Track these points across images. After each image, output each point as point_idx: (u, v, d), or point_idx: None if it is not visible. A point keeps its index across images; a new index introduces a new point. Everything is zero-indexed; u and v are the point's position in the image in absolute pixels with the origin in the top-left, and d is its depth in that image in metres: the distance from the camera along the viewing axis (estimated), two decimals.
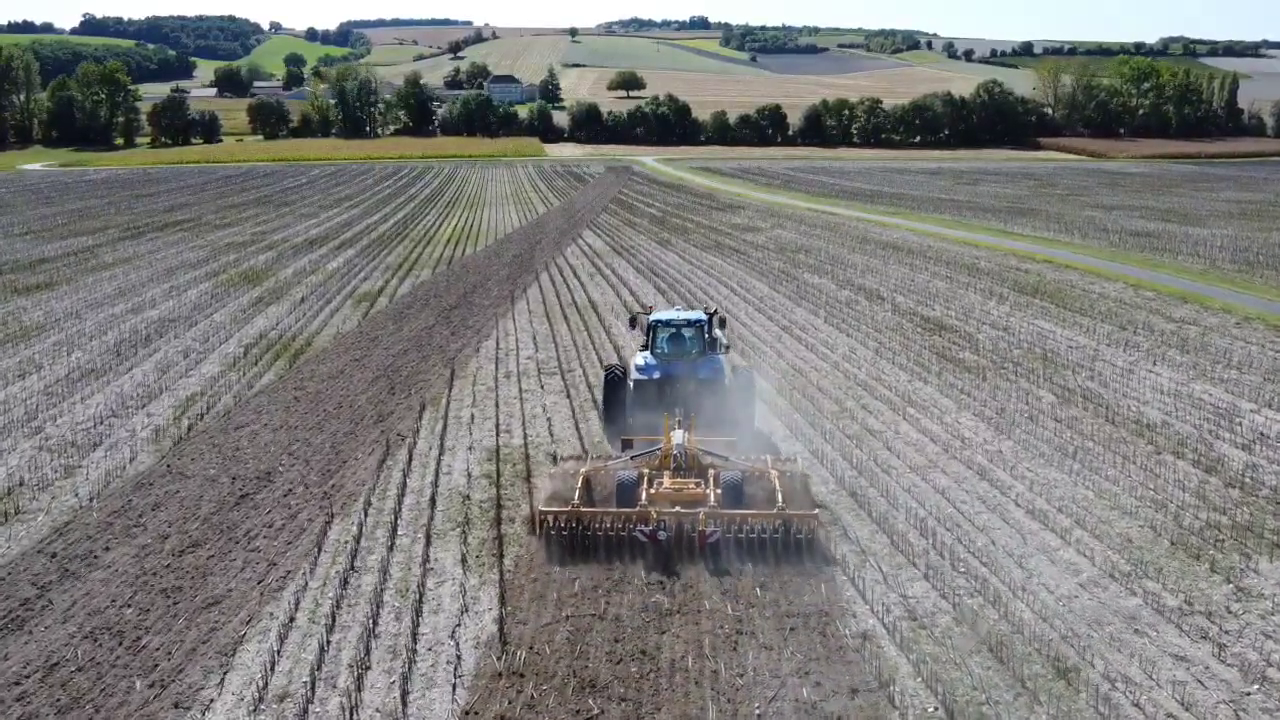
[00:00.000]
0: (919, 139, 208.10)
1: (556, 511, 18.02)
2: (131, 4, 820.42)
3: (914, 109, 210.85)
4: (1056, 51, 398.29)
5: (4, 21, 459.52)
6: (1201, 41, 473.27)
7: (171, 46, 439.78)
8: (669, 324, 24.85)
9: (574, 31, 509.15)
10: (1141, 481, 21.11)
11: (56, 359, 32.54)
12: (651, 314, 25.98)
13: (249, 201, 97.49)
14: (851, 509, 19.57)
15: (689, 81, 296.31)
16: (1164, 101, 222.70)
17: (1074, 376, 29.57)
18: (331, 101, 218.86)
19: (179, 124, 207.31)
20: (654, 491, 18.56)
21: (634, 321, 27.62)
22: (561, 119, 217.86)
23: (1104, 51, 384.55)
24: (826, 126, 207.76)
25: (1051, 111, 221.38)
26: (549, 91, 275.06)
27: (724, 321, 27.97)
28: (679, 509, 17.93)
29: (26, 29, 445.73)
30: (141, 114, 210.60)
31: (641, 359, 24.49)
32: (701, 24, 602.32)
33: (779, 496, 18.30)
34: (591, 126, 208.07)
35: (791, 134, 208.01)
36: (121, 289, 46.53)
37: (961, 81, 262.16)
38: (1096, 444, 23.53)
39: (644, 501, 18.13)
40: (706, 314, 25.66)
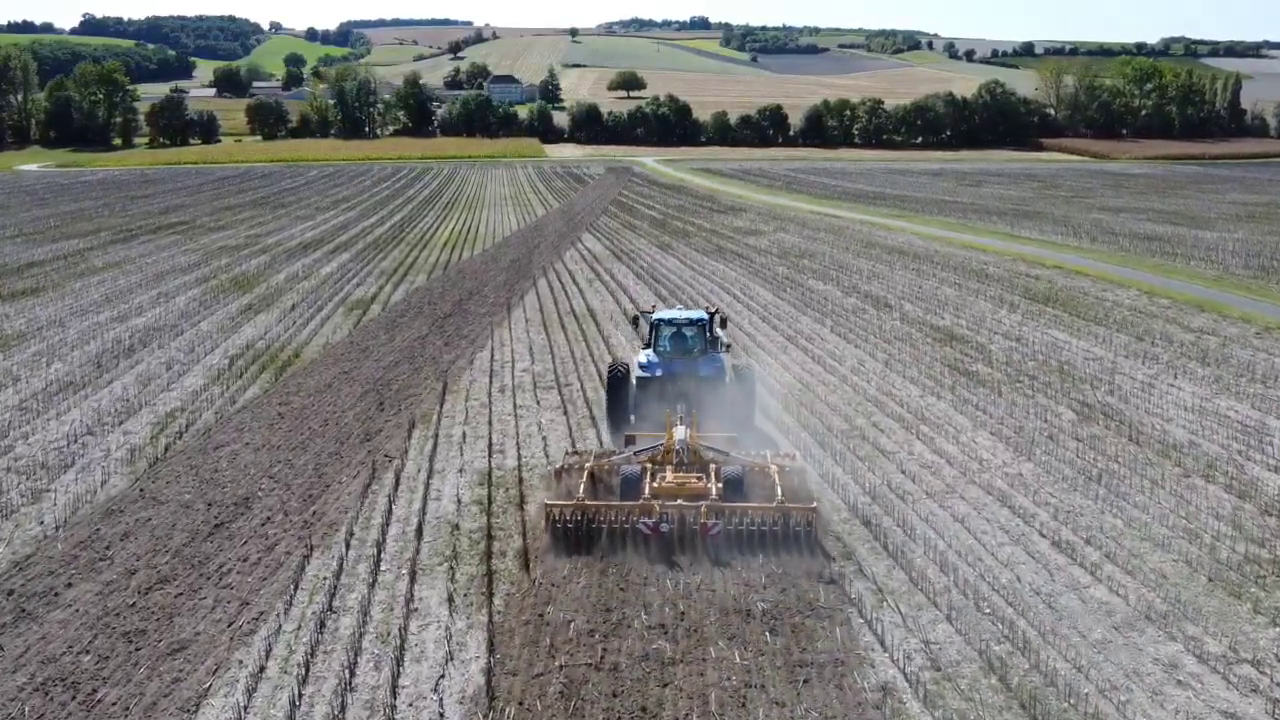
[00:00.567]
0: (921, 140, 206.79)
1: (563, 505, 18.28)
2: (131, 4, 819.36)
3: (915, 109, 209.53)
4: (1058, 52, 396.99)
5: (3, 21, 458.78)
6: (1203, 42, 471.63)
7: (171, 47, 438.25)
8: (671, 323, 25.17)
9: (574, 32, 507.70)
10: (1172, 509, 19.89)
11: (35, 370, 31.34)
12: (654, 313, 26.29)
13: (245, 203, 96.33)
14: (866, 541, 18.36)
15: (689, 82, 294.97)
16: (1167, 102, 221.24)
17: (1093, 391, 28.35)
18: (330, 102, 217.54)
19: (177, 124, 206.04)
20: (657, 485, 18.94)
21: (636, 321, 28.31)
22: (561, 119, 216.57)
23: (1105, 52, 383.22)
24: (828, 127, 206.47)
25: (1054, 112, 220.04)
26: (549, 92, 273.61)
27: (725, 321, 28.07)
28: (681, 502, 18.22)
29: (26, 29, 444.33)
30: (140, 114, 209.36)
31: (644, 357, 24.84)
32: (702, 24, 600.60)
33: (778, 490, 18.65)
34: (591, 127, 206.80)
35: (792, 134, 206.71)
36: (109, 295, 45.34)
37: (963, 82, 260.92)
38: (1121, 466, 22.32)
39: (647, 495, 18.45)
40: (708, 313, 25.97)
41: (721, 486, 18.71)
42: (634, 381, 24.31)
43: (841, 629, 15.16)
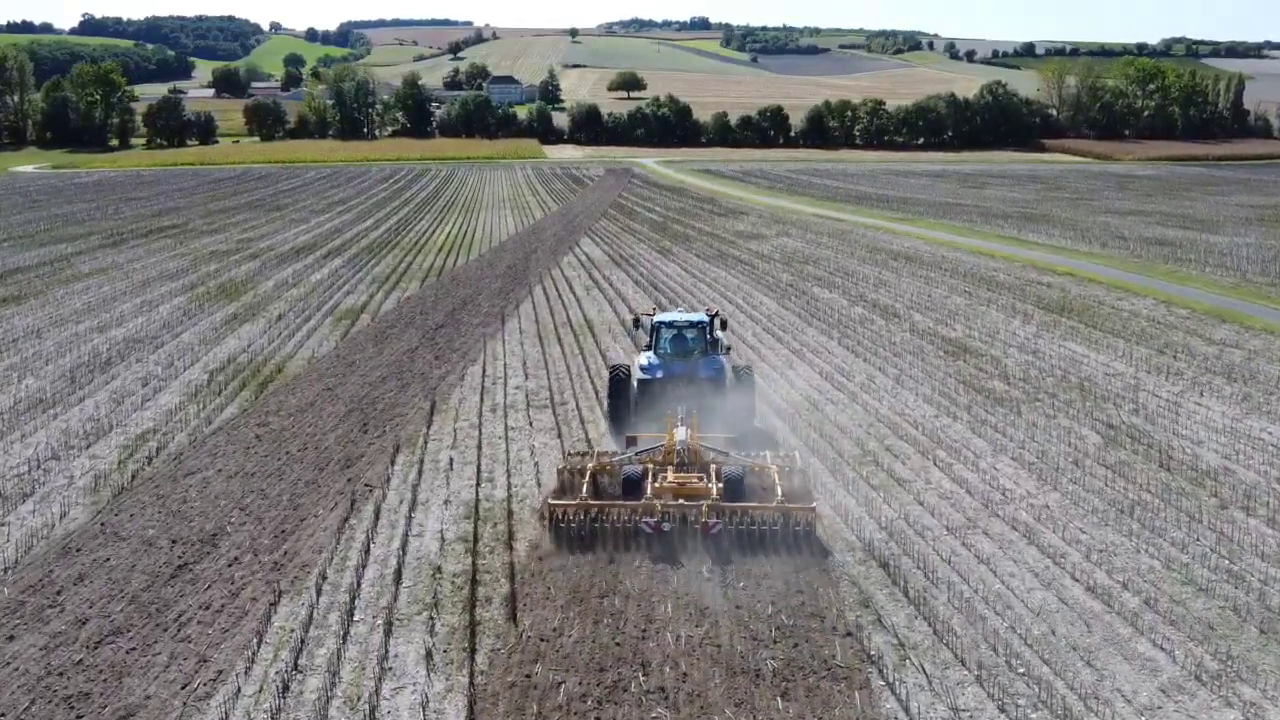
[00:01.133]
0: (922, 141, 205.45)
1: (566, 504, 18.73)
2: (131, 4, 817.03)
3: (917, 110, 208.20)
4: (1059, 52, 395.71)
5: (2, 22, 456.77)
6: (1204, 42, 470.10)
7: (171, 47, 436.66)
8: (672, 325, 25.59)
9: (574, 32, 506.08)
10: (1212, 546, 18.42)
11: (5, 387, 29.87)
12: (655, 315, 26.75)
13: (240, 206, 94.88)
14: (884, 585, 16.88)
15: (690, 82, 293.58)
16: (1169, 103, 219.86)
17: (1116, 411, 26.86)
18: (329, 102, 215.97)
19: (174, 125, 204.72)
20: (659, 485, 19.26)
21: (637, 323, 29.24)
22: (561, 120, 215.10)
23: (1106, 52, 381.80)
24: (829, 128, 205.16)
25: (1056, 113, 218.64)
26: (549, 92, 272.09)
27: (725, 323, 28.30)
28: (682, 502, 18.59)
29: (25, 29, 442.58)
30: (137, 115, 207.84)
31: (645, 359, 25.19)
32: (702, 24, 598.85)
33: (778, 490, 19.09)
34: (591, 128, 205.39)
35: (793, 135, 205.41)
36: (91, 304, 43.88)
37: (964, 82, 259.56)
38: (1153, 496, 20.84)
39: (649, 495, 18.83)
40: (708, 315, 26.48)
41: (722, 486, 19.07)
42: (635, 383, 24.66)
43: (861, 693, 13.69)
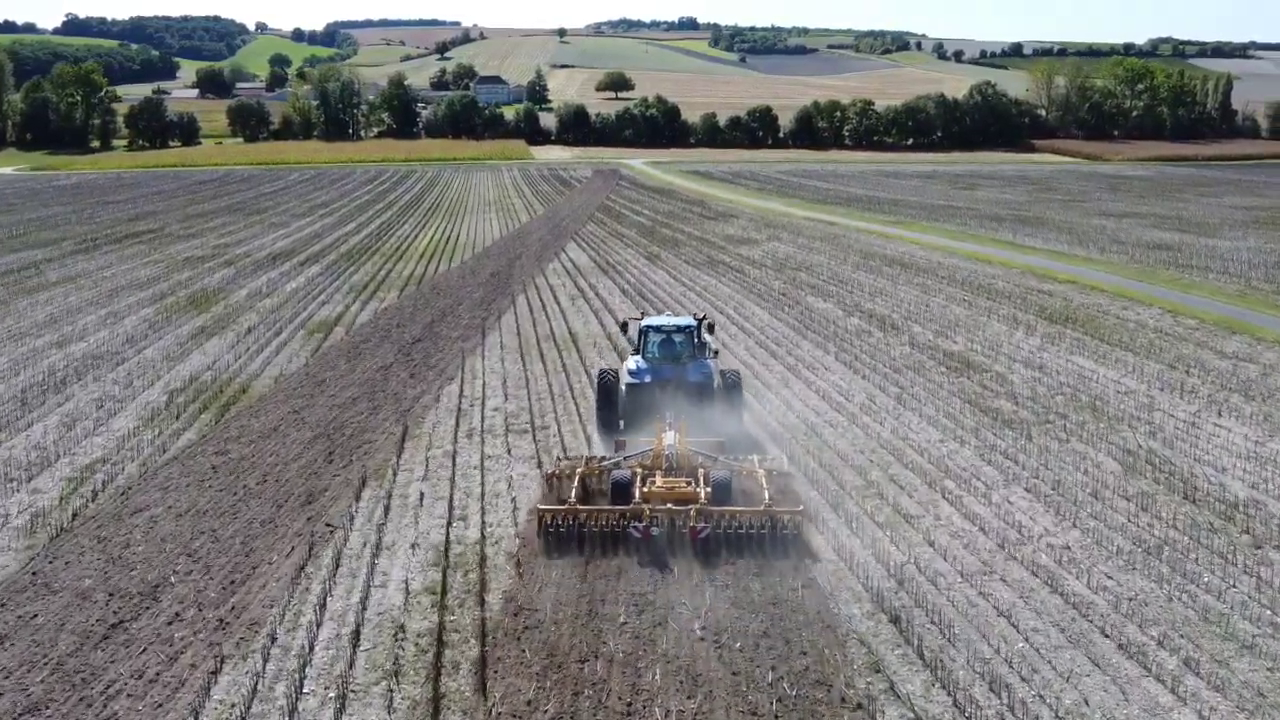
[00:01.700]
0: (911, 141, 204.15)
1: (555, 509, 18.69)
2: (116, 4, 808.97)
3: (906, 110, 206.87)
4: (1046, 52, 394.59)
5: None
6: (1190, 42, 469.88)
7: (156, 47, 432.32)
8: (660, 329, 25.51)
9: (562, 32, 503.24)
10: (1250, 594, 16.85)
11: None
12: (643, 320, 26.64)
13: (219, 209, 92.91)
14: (896, 645, 15.22)
15: (678, 82, 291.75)
16: (1158, 103, 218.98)
17: (1132, 434, 25.31)
18: (314, 103, 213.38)
19: (156, 126, 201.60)
20: (647, 490, 19.25)
21: (625, 327, 29.07)
22: (549, 121, 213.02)
23: (1093, 52, 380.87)
24: (818, 128, 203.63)
25: (1045, 113, 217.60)
26: (536, 92, 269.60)
27: (713, 327, 28.07)
28: (671, 506, 18.62)
29: (7, 29, 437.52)
30: (118, 116, 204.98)
31: (633, 363, 25.12)
32: (690, 24, 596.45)
33: (766, 494, 19.18)
34: (579, 128, 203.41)
35: (782, 136, 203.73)
36: (54, 316, 42.02)
37: (953, 82, 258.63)
38: (1180, 534, 19.27)
39: (638, 500, 18.86)
40: (696, 319, 26.33)
41: (710, 491, 19.12)
42: (623, 388, 24.71)
43: None
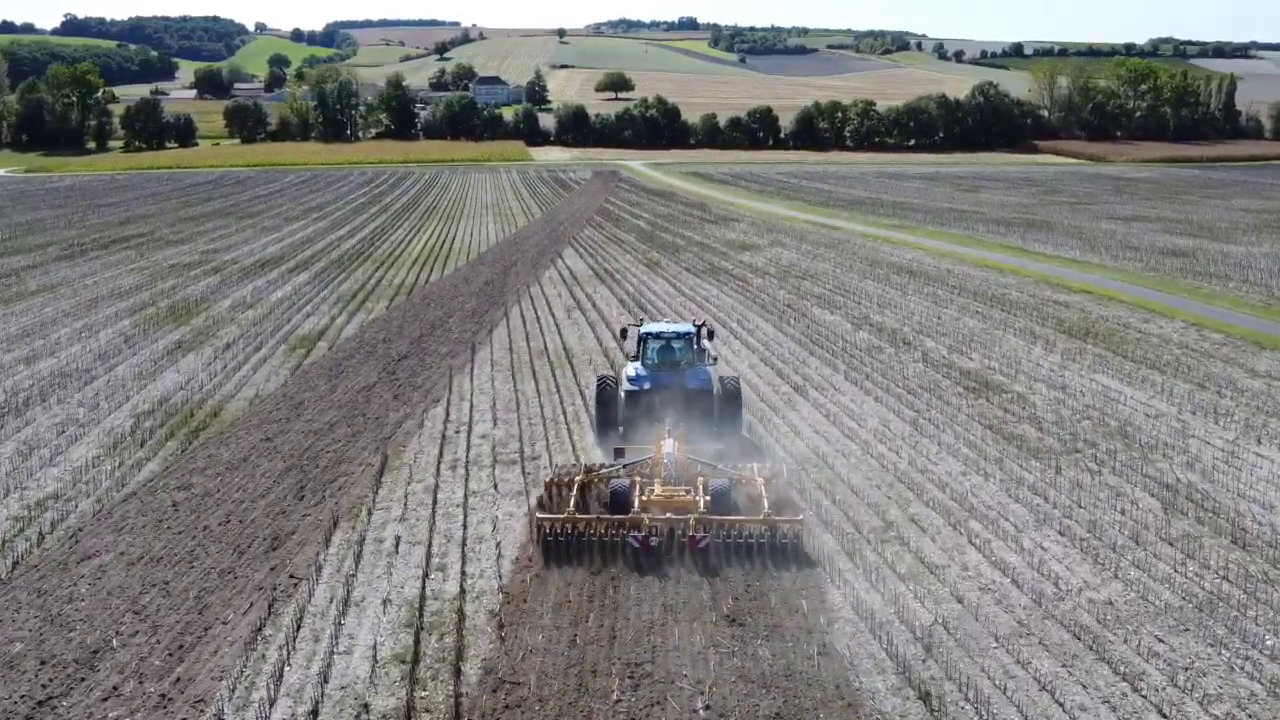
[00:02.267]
0: (913, 142, 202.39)
1: (553, 519, 18.47)
2: (115, 4, 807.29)
3: (908, 111, 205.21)
4: (1047, 53, 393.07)
5: None
6: (1191, 43, 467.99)
7: (154, 47, 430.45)
8: (659, 336, 25.48)
9: (562, 32, 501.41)
10: None
11: None
12: (642, 326, 26.46)
13: (212, 212, 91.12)
14: None
15: (678, 83, 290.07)
16: (1161, 104, 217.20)
17: (1168, 466, 23.47)
18: (311, 104, 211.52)
19: (153, 127, 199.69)
20: (646, 499, 19.07)
21: (624, 333, 28.93)
22: (548, 121, 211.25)
23: (1094, 52, 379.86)
24: (819, 129, 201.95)
25: (1047, 114, 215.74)
26: (536, 93, 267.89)
27: (712, 333, 27.99)
28: (670, 515, 18.46)
29: (6, 29, 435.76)
30: (115, 117, 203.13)
31: (633, 369, 25.08)
32: (690, 25, 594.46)
33: (765, 502, 19.05)
34: (578, 129, 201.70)
35: (783, 136, 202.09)
36: (27, 328, 40.22)
37: (954, 83, 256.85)
38: (1232, 585, 17.45)
39: (636, 509, 18.72)
40: (695, 326, 26.28)
41: (709, 499, 18.94)
42: (622, 395, 24.58)
43: None
